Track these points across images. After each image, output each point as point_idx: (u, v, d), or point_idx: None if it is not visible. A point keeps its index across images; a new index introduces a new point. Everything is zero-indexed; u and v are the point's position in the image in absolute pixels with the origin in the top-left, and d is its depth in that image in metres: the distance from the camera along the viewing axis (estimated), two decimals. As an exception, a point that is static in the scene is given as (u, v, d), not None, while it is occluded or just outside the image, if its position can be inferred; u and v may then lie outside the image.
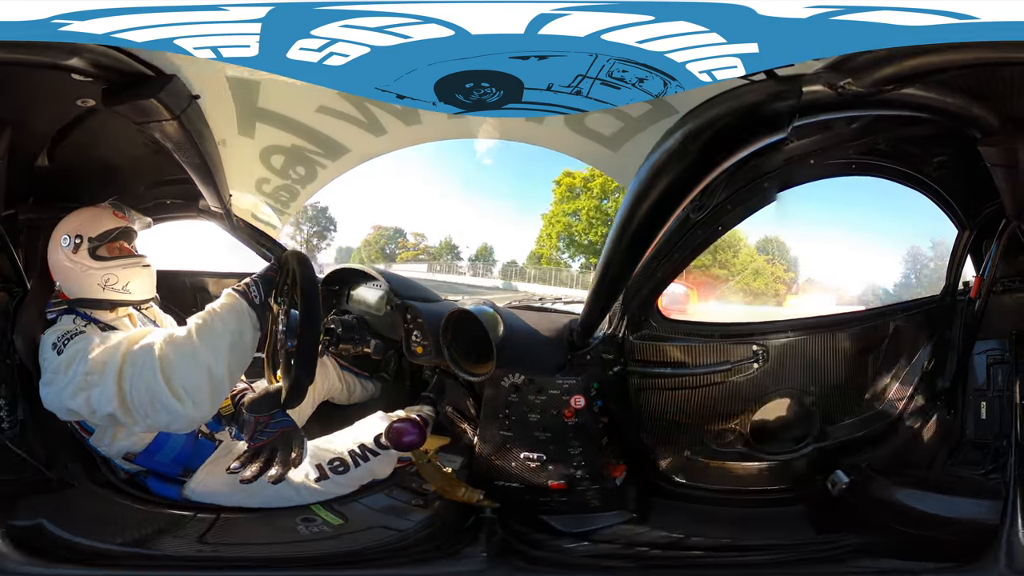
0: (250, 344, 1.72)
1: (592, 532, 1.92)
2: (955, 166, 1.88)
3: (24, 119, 1.75)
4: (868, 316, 2.10)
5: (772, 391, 2.08)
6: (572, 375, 1.94)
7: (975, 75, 1.33)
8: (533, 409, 1.93)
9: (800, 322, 2.07)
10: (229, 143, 2.20)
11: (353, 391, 2.62)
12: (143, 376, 1.57)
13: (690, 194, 1.39)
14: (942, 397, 1.99)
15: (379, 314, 2.47)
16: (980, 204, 1.94)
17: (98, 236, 1.89)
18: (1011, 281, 1.94)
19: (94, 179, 2.17)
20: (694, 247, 1.89)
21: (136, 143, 2.03)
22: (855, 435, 2.07)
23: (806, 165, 1.83)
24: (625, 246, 1.47)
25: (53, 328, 1.80)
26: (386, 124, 2.30)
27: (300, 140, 2.38)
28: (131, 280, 1.92)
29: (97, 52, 1.40)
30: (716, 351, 2.05)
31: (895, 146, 1.86)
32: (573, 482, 1.91)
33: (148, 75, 1.53)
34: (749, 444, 2.10)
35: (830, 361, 2.06)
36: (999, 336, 1.93)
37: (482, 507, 1.88)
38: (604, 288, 1.69)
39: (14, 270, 2.03)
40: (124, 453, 1.87)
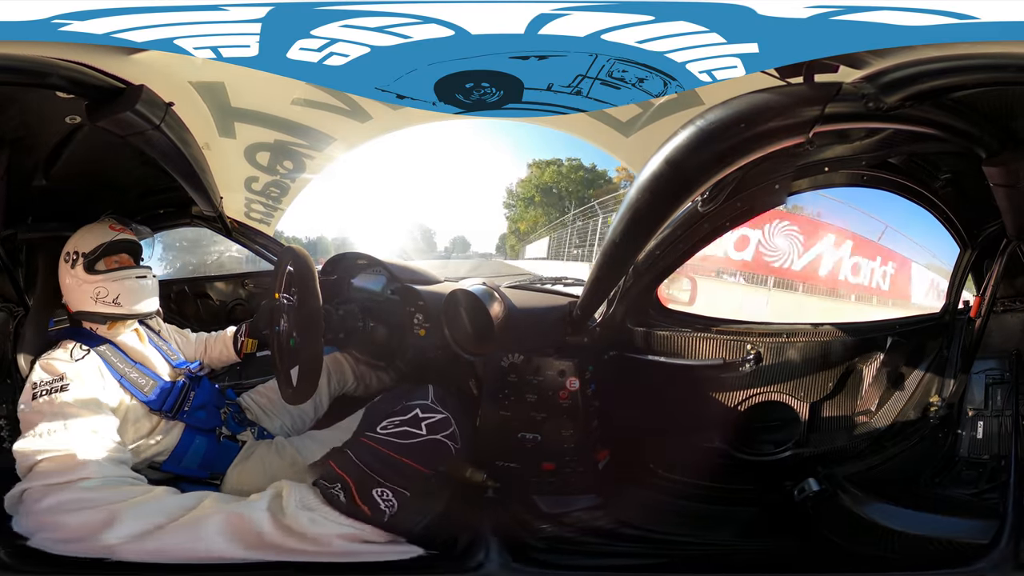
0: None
1: (564, 514, 1.93)
2: (959, 184, 1.88)
3: (20, 138, 1.75)
4: (866, 328, 2.10)
5: (761, 392, 2.08)
6: (568, 357, 1.93)
7: (986, 95, 1.33)
8: (531, 389, 1.92)
9: (796, 327, 2.07)
10: (212, 146, 2.20)
11: (369, 384, 2.56)
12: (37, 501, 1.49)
13: (701, 187, 1.38)
14: (935, 415, 1.99)
15: (381, 300, 2.46)
16: (982, 223, 1.94)
17: (91, 251, 1.90)
18: (1011, 301, 1.93)
19: (89, 195, 2.16)
20: (699, 239, 1.88)
21: (125, 156, 2.03)
22: (836, 445, 2.07)
23: (820, 172, 1.82)
24: (630, 232, 1.45)
25: (47, 354, 1.80)
26: (370, 109, 2.28)
27: (282, 134, 2.36)
28: (121, 293, 1.90)
29: (71, 69, 1.40)
30: (710, 346, 2.05)
31: (907, 161, 1.87)
32: (562, 464, 1.92)
33: (120, 88, 1.52)
34: (730, 442, 2.10)
35: (823, 369, 2.05)
36: (999, 356, 1.92)
37: (485, 487, 1.87)
38: (605, 272, 1.68)
39: (15, 289, 2.03)
40: (150, 463, 1.87)
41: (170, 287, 2.92)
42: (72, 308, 1.93)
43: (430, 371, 2.31)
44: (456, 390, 2.17)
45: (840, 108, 1.28)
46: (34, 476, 1.51)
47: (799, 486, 1.94)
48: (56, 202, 2.03)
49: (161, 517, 1.43)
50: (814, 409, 2.06)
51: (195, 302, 2.99)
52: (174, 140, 1.72)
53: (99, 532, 1.40)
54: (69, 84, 1.42)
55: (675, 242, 1.87)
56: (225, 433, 2.00)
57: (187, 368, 2.06)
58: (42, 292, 1.99)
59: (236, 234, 2.76)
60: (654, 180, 1.31)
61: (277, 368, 1.92)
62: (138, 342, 1.98)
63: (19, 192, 1.86)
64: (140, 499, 1.47)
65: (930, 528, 1.68)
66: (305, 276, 1.88)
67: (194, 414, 1.95)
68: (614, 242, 1.50)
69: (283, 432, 2.19)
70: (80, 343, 1.84)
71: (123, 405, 1.82)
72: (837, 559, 1.71)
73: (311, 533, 1.44)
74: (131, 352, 1.93)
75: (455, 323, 2.04)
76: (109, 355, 1.86)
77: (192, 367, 2.08)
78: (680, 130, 1.27)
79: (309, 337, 1.85)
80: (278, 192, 2.70)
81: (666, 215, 1.43)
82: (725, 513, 2.00)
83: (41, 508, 1.45)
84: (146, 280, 1.97)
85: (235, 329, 2.32)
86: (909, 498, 1.82)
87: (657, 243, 1.84)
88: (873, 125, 1.54)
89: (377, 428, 1.59)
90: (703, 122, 1.23)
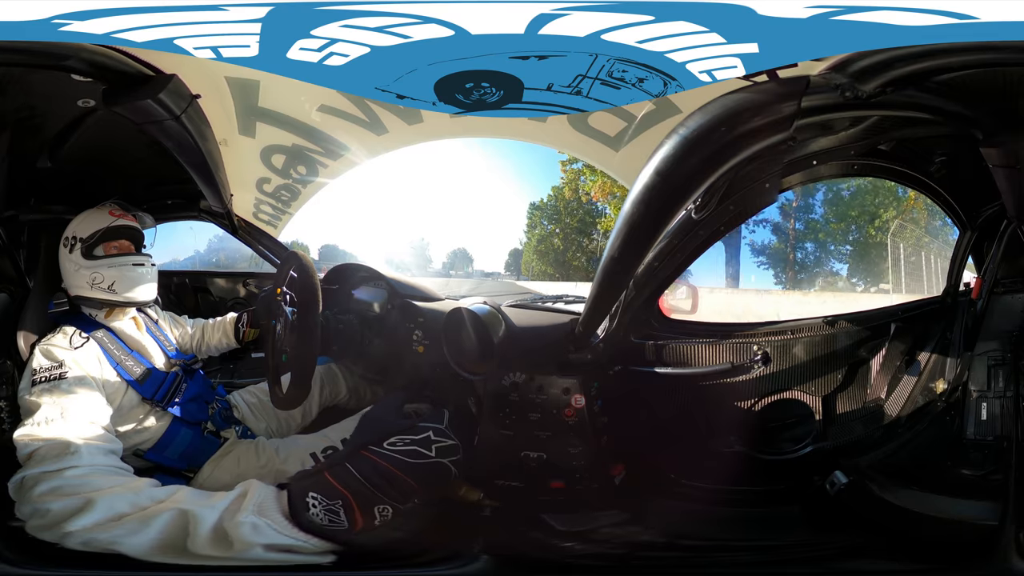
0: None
1: (590, 531, 1.92)
2: (957, 167, 1.88)
3: (25, 120, 1.74)
4: (869, 317, 2.10)
5: (772, 391, 2.08)
6: (573, 374, 1.93)
7: (977, 76, 1.33)
8: (534, 408, 1.92)
9: (801, 323, 2.07)
10: (230, 143, 2.21)
11: (363, 397, 2.56)
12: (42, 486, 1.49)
13: (692, 195, 1.39)
14: (943, 398, 1.99)
15: (380, 314, 2.47)
16: (982, 205, 1.93)
17: (88, 236, 1.91)
18: (1012, 282, 1.93)
19: (95, 180, 2.16)
20: (696, 247, 1.88)
21: (137, 143, 2.02)
22: (854, 436, 2.07)
23: (808, 166, 1.82)
24: (627, 245, 1.47)
25: (47, 339, 1.81)
26: (388, 123, 2.30)
27: (301, 139, 2.38)
28: (117, 279, 1.91)
29: (97, 52, 1.40)
30: (717, 351, 2.05)
31: (897, 147, 1.86)
32: (572, 481, 1.91)
33: (148, 75, 1.52)
34: (748, 443, 2.10)
35: (831, 362, 2.06)
36: (1000, 337, 1.92)
37: (482, 506, 1.88)
38: (605, 287, 1.69)
39: (15, 271, 2.03)
40: (135, 449, 1.88)
41: (171, 278, 2.94)
42: (71, 293, 1.94)
43: (427, 388, 2.32)
44: (454, 408, 2.17)
45: (817, 100, 1.28)
46: (31, 463, 1.53)
47: (828, 480, 1.94)
48: (61, 185, 2.03)
49: (127, 507, 1.42)
50: (827, 402, 2.07)
51: (194, 295, 2.99)
52: (192, 132, 1.72)
53: (70, 519, 1.40)
54: (89, 68, 1.42)
55: (672, 252, 1.87)
56: (210, 428, 2.01)
57: (182, 360, 2.06)
58: (43, 275, 2.00)
59: (242, 232, 2.76)
60: (646, 192, 1.32)
61: (269, 371, 1.92)
62: (136, 330, 1.99)
63: (22, 173, 1.86)
64: (119, 489, 1.47)
65: (954, 511, 1.68)
66: (307, 283, 1.88)
67: (184, 406, 1.96)
68: (613, 257, 1.51)
69: (267, 434, 2.19)
70: (79, 329, 1.85)
71: (117, 393, 1.83)
72: (890, 547, 1.70)
73: (244, 540, 1.38)
74: (128, 340, 1.94)
75: (455, 341, 2.03)
76: (107, 342, 1.87)
77: (187, 359, 2.09)
78: (665, 140, 1.27)
79: (305, 345, 1.85)
80: (288, 196, 2.72)
81: (661, 226, 1.44)
82: (765, 515, 1.99)
83: (33, 495, 1.47)
84: (143, 268, 1.97)
85: (236, 316, 2.32)
86: (931, 482, 1.82)
87: (655, 255, 1.84)
88: (857, 113, 1.53)
89: (384, 444, 1.57)
90: (685, 130, 1.24)
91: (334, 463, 1.57)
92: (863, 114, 1.55)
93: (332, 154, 2.50)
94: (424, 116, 2.28)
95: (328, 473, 1.53)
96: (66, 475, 1.48)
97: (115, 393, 1.82)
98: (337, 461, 1.58)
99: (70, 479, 1.48)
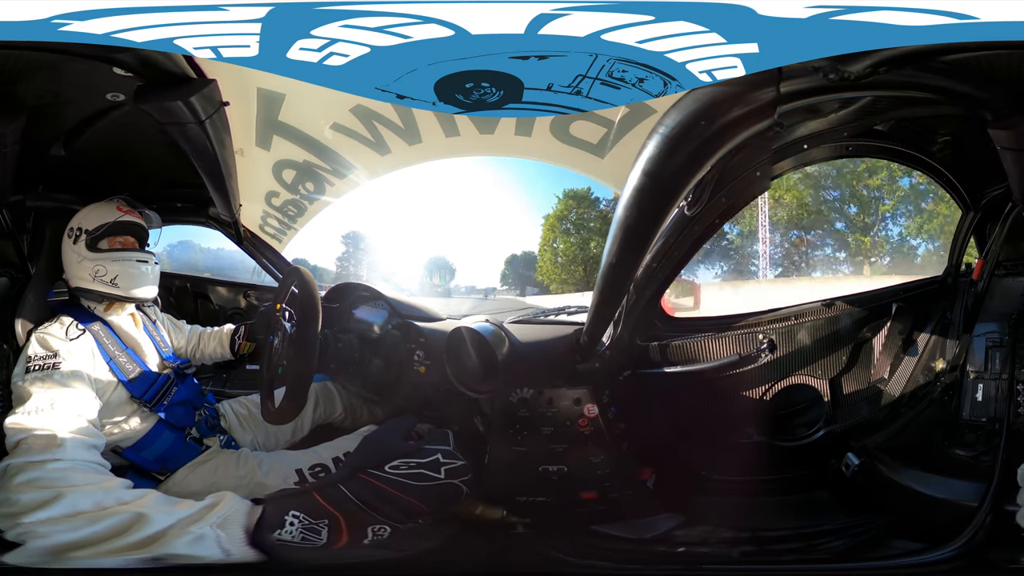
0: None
1: (647, 537, 1.90)
2: (961, 146, 1.87)
3: (45, 107, 1.72)
4: (870, 297, 2.11)
5: (781, 377, 2.10)
6: (582, 384, 1.93)
7: (987, 57, 1.32)
8: (546, 422, 1.91)
9: (803, 307, 2.08)
10: (246, 153, 2.22)
11: (359, 417, 2.49)
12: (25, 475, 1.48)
13: (682, 191, 1.39)
14: (941, 378, 1.99)
15: (380, 334, 2.45)
16: (985, 186, 1.93)
17: (94, 229, 1.92)
18: (1014, 264, 1.92)
19: (106, 173, 2.16)
20: (691, 243, 1.88)
21: (155, 143, 2.02)
22: (862, 417, 2.09)
23: (799, 151, 1.82)
24: (624, 250, 1.47)
25: (44, 327, 1.81)
26: (390, 143, 2.32)
27: (312, 156, 2.40)
28: (119, 274, 1.92)
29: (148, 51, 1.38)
30: (723, 344, 2.06)
31: (896, 127, 1.86)
32: (604, 490, 1.91)
33: (190, 77, 1.52)
34: (765, 432, 2.11)
35: (835, 344, 2.08)
36: (999, 319, 1.91)
37: (509, 524, 1.85)
38: (606, 294, 1.69)
39: (18, 256, 2.02)
40: (114, 446, 1.87)
41: (172, 281, 2.94)
42: (71, 283, 1.94)
43: (429, 408, 2.31)
44: (458, 428, 2.16)
45: (798, 85, 1.28)
46: (17, 452, 1.53)
47: (843, 462, 1.95)
48: (71, 175, 2.03)
49: (88, 505, 1.41)
50: (834, 385, 2.10)
51: (194, 301, 2.99)
52: (211, 139, 1.73)
53: (32, 512, 1.39)
54: (136, 62, 1.41)
55: (669, 251, 1.87)
56: (194, 435, 2.00)
57: (176, 363, 2.06)
58: (45, 262, 2.00)
59: (247, 243, 2.77)
60: (637, 194, 1.32)
61: (263, 384, 1.91)
62: (132, 327, 1.99)
63: (33, 160, 1.85)
64: (91, 487, 1.46)
65: (948, 492, 1.70)
66: (308, 300, 1.87)
67: (172, 409, 1.96)
68: (611, 263, 1.51)
69: (252, 446, 2.16)
70: (77, 320, 1.85)
71: (107, 388, 1.83)
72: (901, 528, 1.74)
73: (179, 550, 1.35)
74: (124, 336, 1.94)
75: (458, 361, 2.03)
76: (102, 336, 1.87)
77: (181, 363, 2.08)
78: (647, 141, 1.28)
79: (303, 358, 1.84)
80: (295, 211, 2.73)
81: (656, 226, 1.44)
82: (799, 501, 2.01)
83: (13, 484, 1.46)
84: (147, 266, 1.97)
85: (233, 328, 2.31)
86: (931, 462, 1.83)
87: (652, 256, 1.85)
88: (846, 95, 1.53)
89: (386, 467, 1.55)
90: (665, 129, 1.24)
91: (326, 485, 1.55)
92: (853, 95, 1.55)
93: (338, 172, 2.52)
94: (423, 137, 2.30)
95: (318, 494, 1.50)
96: (47, 467, 1.48)
97: (105, 388, 1.82)
98: (330, 483, 1.56)
99: (50, 471, 1.48)
